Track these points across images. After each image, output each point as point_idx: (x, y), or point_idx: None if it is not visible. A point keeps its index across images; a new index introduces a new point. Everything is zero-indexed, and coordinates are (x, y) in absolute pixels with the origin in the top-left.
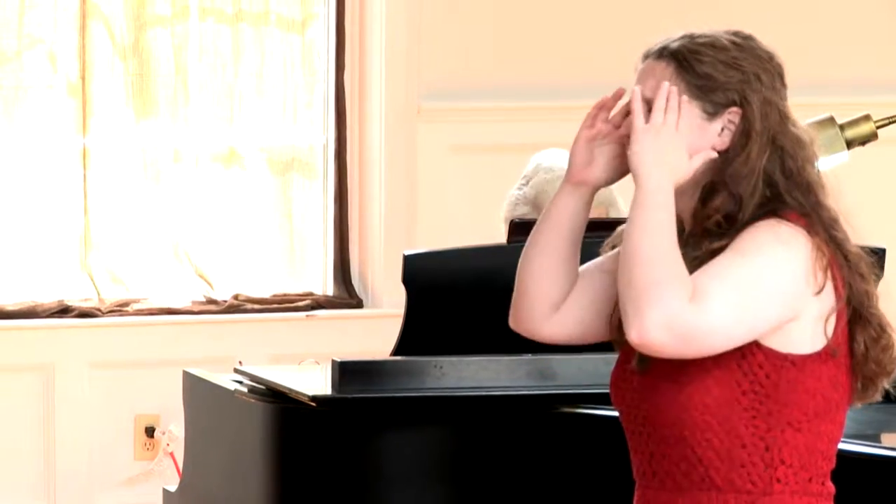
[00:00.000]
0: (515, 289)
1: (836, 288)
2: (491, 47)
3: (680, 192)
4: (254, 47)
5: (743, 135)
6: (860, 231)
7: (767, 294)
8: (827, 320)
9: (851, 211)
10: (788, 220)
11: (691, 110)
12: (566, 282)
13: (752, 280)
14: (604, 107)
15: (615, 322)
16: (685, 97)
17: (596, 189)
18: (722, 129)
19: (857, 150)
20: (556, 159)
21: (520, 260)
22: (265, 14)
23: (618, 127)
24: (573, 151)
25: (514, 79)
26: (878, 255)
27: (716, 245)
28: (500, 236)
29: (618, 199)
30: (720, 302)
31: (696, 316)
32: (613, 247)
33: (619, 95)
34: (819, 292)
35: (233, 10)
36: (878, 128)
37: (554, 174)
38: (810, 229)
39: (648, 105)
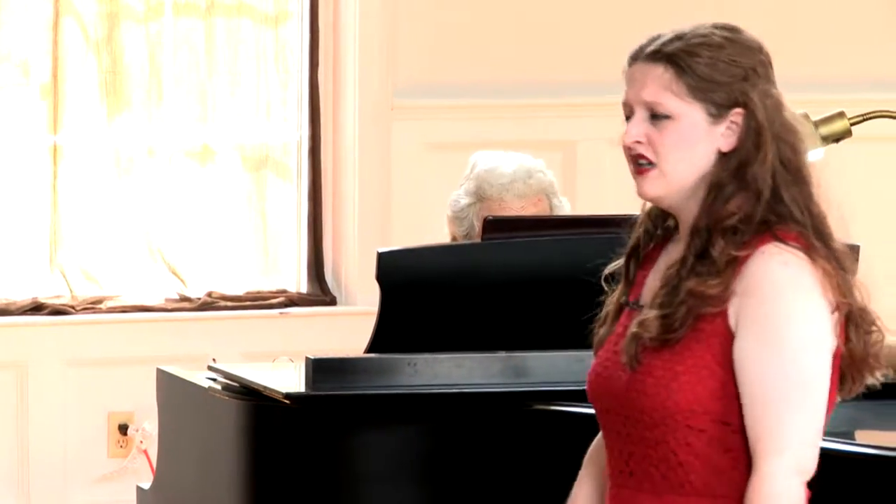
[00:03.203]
0: None
1: (840, 295)
2: (465, 44)
3: (685, 194)
4: (228, 45)
5: (754, 133)
6: (839, 225)
7: (823, 373)
8: (835, 327)
9: (840, 202)
10: (787, 241)
11: (696, 113)
12: None
13: (802, 380)
14: None
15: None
16: (688, 99)
17: None
18: (726, 129)
19: (831, 146)
20: (493, 155)
21: None
22: (238, 8)
23: None
24: None
25: (488, 76)
26: (853, 251)
27: (732, 253)
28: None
29: (558, 190)
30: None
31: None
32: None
33: None
34: (834, 311)
35: (206, 4)
36: (851, 125)
37: (491, 163)
38: (809, 249)
39: (650, 109)
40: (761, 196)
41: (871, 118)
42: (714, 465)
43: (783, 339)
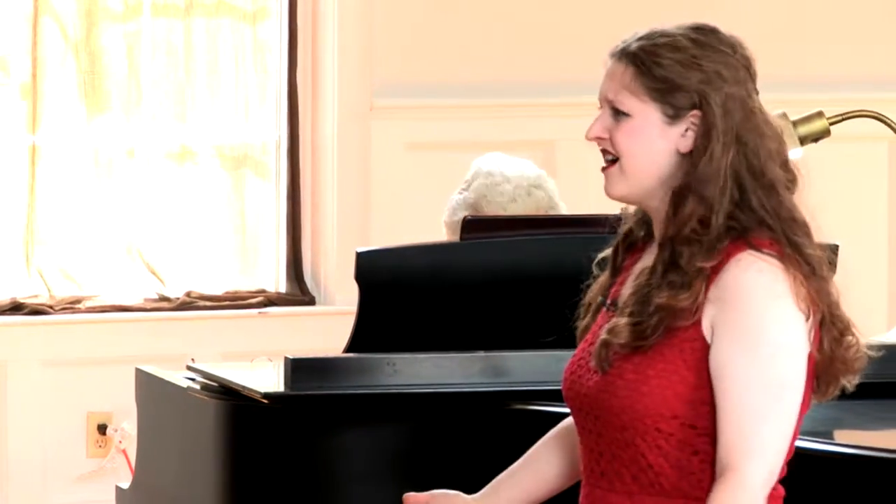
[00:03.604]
0: None
1: (812, 302)
2: (444, 44)
3: (650, 195)
4: (206, 45)
5: (704, 136)
6: (820, 230)
7: (797, 379)
8: (809, 333)
9: (817, 207)
10: (761, 249)
11: (652, 113)
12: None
13: (776, 387)
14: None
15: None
16: (645, 99)
17: None
18: (686, 131)
19: (810, 146)
20: (496, 164)
21: None
22: (217, 8)
23: None
24: None
25: (467, 76)
26: (832, 250)
27: (699, 264)
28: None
29: (559, 202)
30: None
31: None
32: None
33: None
34: (808, 317)
35: (184, 4)
36: (830, 124)
37: (493, 178)
38: (783, 256)
39: (611, 105)
40: (714, 201)
41: (849, 118)
42: (683, 467)
43: (759, 345)
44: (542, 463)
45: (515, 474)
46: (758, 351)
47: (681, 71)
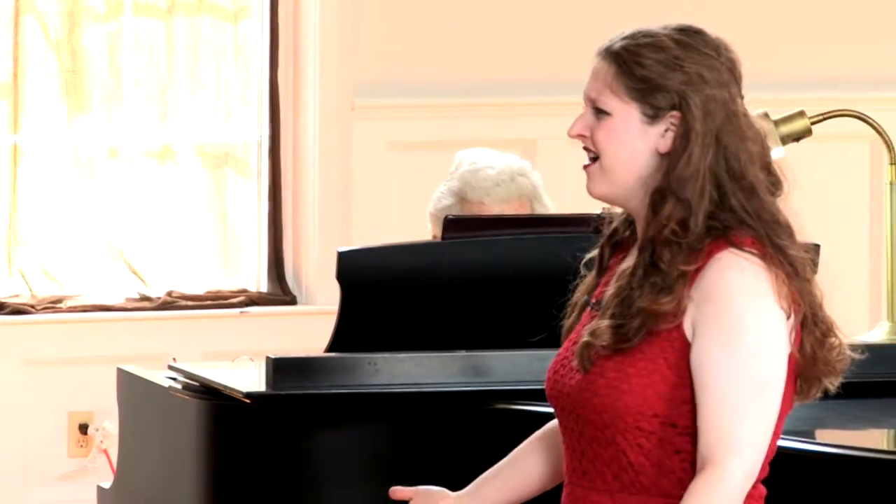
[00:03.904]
0: None
1: (794, 302)
2: (426, 44)
3: (630, 195)
4: (188, 45)
5: (684, 137)
6: (802, 229)
7: (778, 377)
8: (790, 333)
9: (799, 206)
10: (742, 247)
11: (631, 113)
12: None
13: (757, 385)
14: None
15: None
16: (625, 98)
17: None
18: (665, 131)
19: (792, 145)
20: (480, 155)
21: None
22: (198, 7)
23: None
24: None
25: (449, 76)
26: (814, 250)
27: (681, 268)
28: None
29: (543, 193)
30: (754, 445)
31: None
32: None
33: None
34: (789, 316)
35: (166, 4)
36: (812, 124)
37: (477, 165)
38: (765, 255)
39: (593, 104)
40: (692, 202)
41: (830, 117)
42: (664, 465)
43: (740, 344)
44: (528, 462)
45: (500, 473)
46: (738, 349)
47: (662, 71)
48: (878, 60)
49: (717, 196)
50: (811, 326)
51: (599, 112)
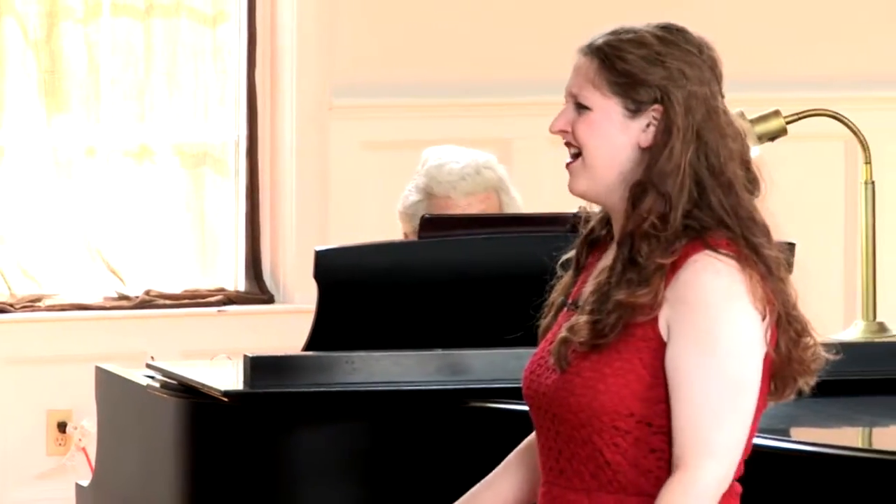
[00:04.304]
0: None
1: (769, 302)
2: (403, 44)
3: (610, 192)
4: (166, 44)
5: (665, 132)
6: (777, 228)
7: (753, 379)
8: (766, 333)
9: (774, 205)
10: (718, 249)
11: (613, 107)
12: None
13: (732, 387)
14: None
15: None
16: (607, 93)
17: None
18: (647, 126)
19: (767, 145)
20: (445, 151)
21: None
22: (176, 9)
23: None
24: None
25: (425, 76)
26: (789, 249)
27: (658, 260)
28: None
29: (510, 186)
30: (727, 447)
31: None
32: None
33: None
34: (764, 317)
35: (144, 5)
36: (787, 123)
37: (441, 161)
38: (740, 256)
39: (574, 99)
40: (672, 197)
41: (806, 116)
42: (640, 464)
43: (715, 345)
44: (522, 470)
45: (493, 483)
46: (714, 352)
47: (644, 66)
48: (854, 60)
49: (696, 192)
50: (786, 326)
51: (581, 107)
